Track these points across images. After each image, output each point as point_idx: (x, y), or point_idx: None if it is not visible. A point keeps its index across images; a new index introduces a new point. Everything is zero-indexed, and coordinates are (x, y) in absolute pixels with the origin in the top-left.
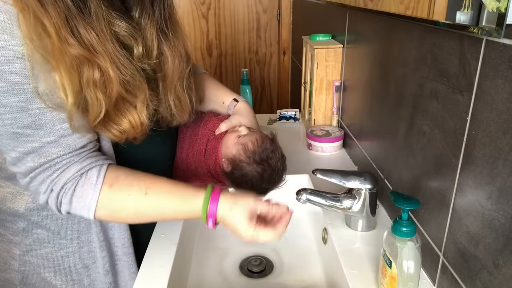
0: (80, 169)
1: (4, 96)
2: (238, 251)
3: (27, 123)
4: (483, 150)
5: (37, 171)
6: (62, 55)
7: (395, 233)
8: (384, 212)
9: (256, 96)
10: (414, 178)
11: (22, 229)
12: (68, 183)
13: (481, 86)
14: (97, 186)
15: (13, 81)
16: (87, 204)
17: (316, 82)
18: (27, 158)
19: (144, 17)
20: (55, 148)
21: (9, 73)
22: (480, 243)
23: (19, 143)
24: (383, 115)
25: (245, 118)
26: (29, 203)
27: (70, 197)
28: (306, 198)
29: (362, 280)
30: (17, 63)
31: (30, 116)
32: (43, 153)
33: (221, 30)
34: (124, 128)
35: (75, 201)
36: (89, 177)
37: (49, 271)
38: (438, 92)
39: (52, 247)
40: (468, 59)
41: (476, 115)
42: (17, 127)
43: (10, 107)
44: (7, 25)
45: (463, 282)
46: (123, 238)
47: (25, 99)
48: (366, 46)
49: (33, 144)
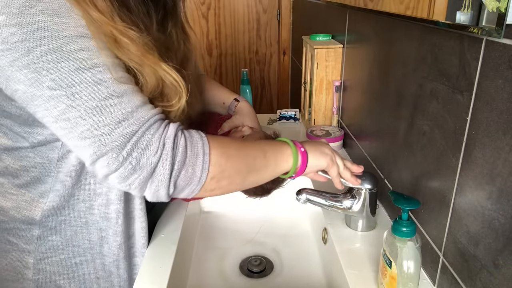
0: (177, 126)
1: (77, 74)
2: (238, 251)
3: (108, 93)
4: (483, 150)
5: (138, 134)
6: (151, 48)
7: (395, 233)
8: (384, 212)
9: (256, 96)
10: (414, 178)
11: (37, 237)
12: (178, 133)
13: (481, 86)
14: (202, 135)
15: (81, 58)
16: (201, 152)
17: (316, 82)
18: (120, 127)
19: (174, 28)
20: (143, 111)
21: (75, 51)
22: (480, 243)
23: (106, 115)
24: (383, 115)
25: (247, 117)
26: (45, 210)
27: (184, 146)
28: (306, 198)
29: (362, 280)
30: (81, 40)
31: (109, 87)
32: (136, 117)
33: (221, 30)
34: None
35: (189, 150)
36: (189, 132)
37: (64, 278)
38: (438, 92)
39: (67, 254)
40: (468, 59)
41: (476, 115)
42: (98, 100)
43: (86, 83)
44: (63, 10)
45: (463, 282)
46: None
47: (98, 71)
48: (366, 46)
49: (122, 110)
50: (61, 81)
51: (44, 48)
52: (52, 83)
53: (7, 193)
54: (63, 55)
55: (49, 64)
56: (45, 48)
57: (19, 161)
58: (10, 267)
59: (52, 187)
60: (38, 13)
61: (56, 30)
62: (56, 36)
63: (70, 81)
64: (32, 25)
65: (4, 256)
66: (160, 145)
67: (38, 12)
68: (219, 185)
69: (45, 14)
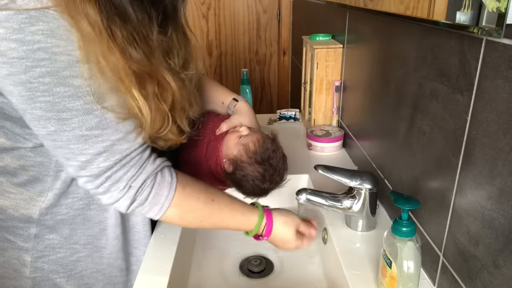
0: (155, 168)
1: (69, 101)
2: (238, 251)
3: (94, 124)
4: (483, 150)
5: (113, 170)
6: (127, 73)
7: (395, 233)
8: (384, 212)
9: (256, 96)
10: (414, 178)
11: (35, 235)
12: (147, 180)
13: (481, 86)
14: (173, 185)
15: (75, 85)
16: (162, 201)
17: (316, 82)
18: (99, 158)
19: (174, 31)
20: (124, 144)
21: (71, 77)
22: (480, 243)
23: (89, 145)
24: (383, 115)
25: (245, 117)
26: (43, 209)
27: (147, 194)
28: (306, 198)
29: (362, 280)
30: (77, 66)
31: (96, 117)
32: (115, 151)
33: (221, 30)
34: (169, 137)
35: (150, 198)
36: (164, 175)
37: (61, 277)
38: (438, 92)
39: (65, 252)
40: (468, 59)
41: (476, 115)
42: (85, 129)
43: (76, 111)
44: (61, 31)
45: (463, 282)
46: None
47: (89, 100)
48: (366, 46)
49: (104, 143)
50: (54, 104)
51: (42, 70)
52: (44, 105)
53: (5, 192)
54: (59, 80)
55: (44, 86)
56: (43, 70)
57: (18, 160)
58: (8, 265)
59: (51, 186)
60: (39, 32)
61: (55, 53)
62: (54, 59)
63: (62, 106)
64: (33, 44)
65: (1, 254)
66: (127, 186)
67: (38, 32)
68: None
69: (45, 34)
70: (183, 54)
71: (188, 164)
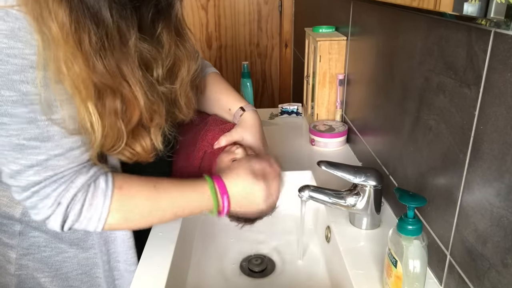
0: (88, 179)
1: (13, 106)
2: (239, 250)
3: (34, 134)
4: (491, 145)
5: (41, 185)
6: (88, 84)
7: (400, 231)
8: (389, 209)
9: (257, 90)
10: (420, 175)
11: (19, 232)
12: (78, 194)
13: (490, 79)
14: (108, 191)
15: (24, 91)
16: (98, 212)
17: (319, 76)
18: (30, 171)
19: (165, 28)
20: (62, 161)
21: (20, 82)
22: (488, 242)
23: (23, 155)
24: (388, 110)
25: (249, 132)
26: (26, 208)
27: (80, 208)
28: (308, 195)
29: (367, 279)
30: (30, 72)
31: (38, 128)
32: (48, 166)
33: (221, 22)
34: (137, 151)
35: (85, 212)
36: (98, 185)
37: (46, 276)
38: (445, 86)
39: (50, 251)
40: (476, 52)
41: (484, 109)
42: (22, 139)
43: (18, 118)
44: (22, 33)
45: (471, 281)
46: (127, 254)
47: (34, 109)
48: (371, 38)
49: (39, 156)
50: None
51: None
52: None
53: None
54: (6, 83)
55: None
56: None
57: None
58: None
59: None
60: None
61: (8, 54)
62: (6, 61)
63: (3, 110)
64: None
65: None
66: (55, 203)
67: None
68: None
69: (2, 34)
70: (172, 56)
71: (181, 173)
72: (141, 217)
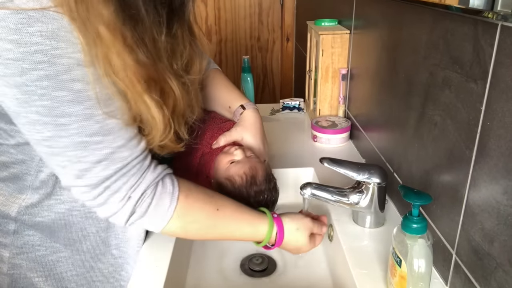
0: (156, 177)
1: (69, 105)
2: (239, 249)
3: (95, 130)
4: (498, 142)
5: (112, 179)
6: (139, 78)
7: (405, 230)
8: (393, 207)
9: (258, 84)
10: (425, 172)
11: (13, 231)
12: (147, 190)
13: (496, 74)
14: (175, 194)
15: (76, 89)
16: (163, 213)
17: (322, 70)
18: (98, 167)
19: (179, 28)
20: (125, 151)
21: (71, 81)
22: (495, 241)
23: (88, 152)
24: (393, 105)
25: (248, 131)
26: (23, 207)
27: (148, 205)
28: (310, 193)
29: (370, 279)
30: (78, 70)
31: (97, 123)
32: (115, 159)
33: (220, 15)
34: (166, 144)
35: (151, 210)
36: (165, 185)
37: (40, 276)
38: (450, 81)
39: (44, 251)
40: (483, 46)
41: (491, 104)
42: (85, 135)
43: (76, 116)
44: (63, 33)
45: (477, 281)
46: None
47: (90, 105)
48: (375, 32)
49: (103, 150)
50: (52, 109)
51: (40, 73)
52: (41, 109)
53: None
54: (58, 84)
55: (42, 90)
56: (41, 73)
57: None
58: None
59: (31, 185)
60: (37, 33)
61: (54, 56)
62: (53, 62)
63: (60, 111)
64: (30, 46)
65: None
66: (126, 197)
67: (36, 33)
68: (180, 231)
69: (43, 36)
70: (187, 53)
71: (179, 173)
72: (197, 233)
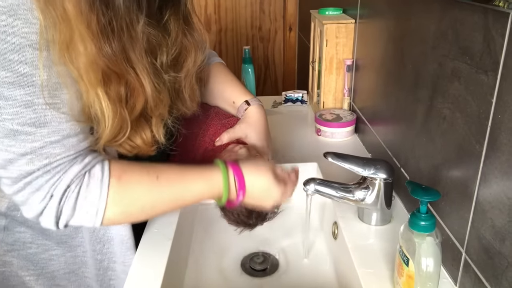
0: (82, 168)
1: (9, 88)
2: (239, 248)
3: (30, 119)
4: (509, 135)
5: (34, 175)
6: (96, 68)
7: (412, 228)
8: (400, 204)
9: (259, 76)
10: (433, 167)
11: (4, 227)
12: (71, 185)
13: (508, 65)
14: (104, 181)
15: (21, 72)
16: (95, 205)
17: (326, 61)
18: (22, 160)
19: (173, 15)
20: (58, 148)
21: (18, 63)
22: (506, 239)
23: (16, 142)
24: (400, 98)
25: (253, 128)
26: (12, 203)
27: (74, 201)
28: (314, 189)
29: (376, 279)
30: (29, 52)
31: (35, 112)
32: (43, 154)
33: (220, 3)
34: (137, 144)
35: (79, 205)
36: (93, 174)
37: (31, 274)
38: (460, 72)
39: (36, 248)
40: (493, 36)
41: (502, 97)
42: (17, 124)
43: (13, 101)
44: (22, 10)
45: (488, 281)
46: (125, 255)
47: (32, 92)
48: (381, 21)
49: (33, 143)
50: None
51: None
52: None
53: None
54: (3, 63)
55: None
56: None
57: None
58: None
59: None
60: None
61: (6, 33)
62: (3, 39)
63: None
64: None
65: None
66: (48, 195)
67: None
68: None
69: (0, 11)
70: (178, 45)
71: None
72: (142, 211)
